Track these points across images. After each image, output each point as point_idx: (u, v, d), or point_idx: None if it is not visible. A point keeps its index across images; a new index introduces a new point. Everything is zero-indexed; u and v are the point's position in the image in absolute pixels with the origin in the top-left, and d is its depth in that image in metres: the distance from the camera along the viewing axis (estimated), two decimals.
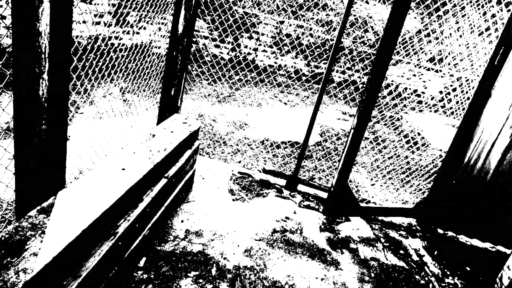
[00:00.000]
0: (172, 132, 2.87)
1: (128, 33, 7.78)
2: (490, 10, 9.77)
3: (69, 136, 4.17)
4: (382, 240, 3.64)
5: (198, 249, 2.79)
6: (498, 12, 9.51)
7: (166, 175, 2.63)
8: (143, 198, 2.27)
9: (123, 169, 2.14)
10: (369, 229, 3.76)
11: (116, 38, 7.22)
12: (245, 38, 9.75)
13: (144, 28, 8.44)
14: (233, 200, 3.60)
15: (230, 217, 3.32)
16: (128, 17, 7.56)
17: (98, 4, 6.35)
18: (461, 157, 3.82)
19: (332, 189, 3.70)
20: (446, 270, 3.44)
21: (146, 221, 2.37)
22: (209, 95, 7.03)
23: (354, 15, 10.22)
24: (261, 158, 4.86)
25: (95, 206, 1.74)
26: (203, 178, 3.84)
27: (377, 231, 3.77)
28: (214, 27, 9.51)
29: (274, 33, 9.88)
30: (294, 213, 3.68)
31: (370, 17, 10.20)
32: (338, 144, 6.10)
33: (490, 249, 4.04)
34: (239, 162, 4.60)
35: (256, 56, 9.98)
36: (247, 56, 9.93)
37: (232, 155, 4.74)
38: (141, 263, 2.48)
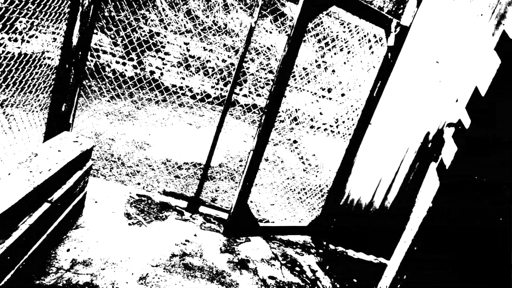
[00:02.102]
0: (59, 151, 2.62)
1: (14, 40, 6.97)
2: (371, 49, 11.24)
3: None
4: (280, 258, 3.78)
5: (85, 280, 2.54)
6: (379, 50, 10.97)
7: (49, 199, 2.37)
8: (18, 226, 2.00)
9: None
10: (268, 248, 3.87)
11: None
12: (151, 56, 9.52)
13: (36, 37, 7.67)
14: (129, 224, 3.40)
15: (125, 243, 3.11)
16: (16, 23, 6.79)
17: None
18: (345, 180, 4.22)
19: (232, 210, 3.75)
20: (336, 284, 3.70)
21: (21, 252, 2.09)
22: (108, 113, 6.62)
23: (259, 43, 10.79)
24: (162, 180, 4.70)
25: None
26: (96, 202, 3.55)
27: (275, 249, 3.90)
28: (118, 42, 9.11)
29: (181, 54, 9.85)
30: (195, 235, 3.61)
31: (273, 46, 10.88)
32: (241, 166, 6.23)
33: (374, 261, 4.49)
34: (138, 184, 4.38)
35: (162, 75, 9.79)
36: (152, 75, 9.68)
37: (130, 177, 4.50)
38: None
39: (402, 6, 10.19)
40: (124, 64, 9.27)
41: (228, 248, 3.60)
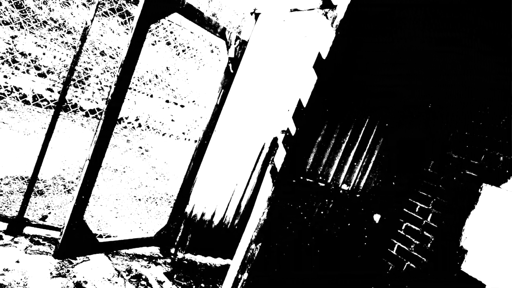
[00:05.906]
0: None
1: None
2: (218, 56, 11.77)
3: None
4: (124, 274, 3.54)
5: None
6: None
7: None
8: None
9: None
10: (110, 265, 3.59)
11: None
12: None
13: None
14: None
15: None
16: None
17: None
18: (191, 187, 4.27)
19: (65, 228, 3.34)
20: None
21: None
22: None
23: (105, 44, 10.02)
24: None
25: None
26: None
27: (119, 265, 3.64)
28: None
29: (6, 49, 8.35)
30: (17, 262, 3.07)
31: (120, 48, 10.27)
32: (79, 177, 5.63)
33: (222, 263, 4.65)
34: None
35: None
36: None
37: None
38: None
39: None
40: None
41: (60, 271, 3.18)
